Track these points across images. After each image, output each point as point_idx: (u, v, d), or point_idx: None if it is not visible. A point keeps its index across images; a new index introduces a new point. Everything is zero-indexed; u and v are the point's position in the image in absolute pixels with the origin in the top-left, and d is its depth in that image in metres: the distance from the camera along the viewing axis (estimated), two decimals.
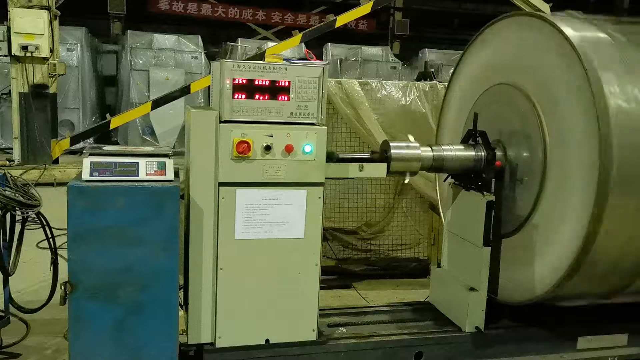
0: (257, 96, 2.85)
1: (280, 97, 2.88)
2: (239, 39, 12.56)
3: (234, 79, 2.80)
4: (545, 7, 8.88)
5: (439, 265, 3.76)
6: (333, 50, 13.33)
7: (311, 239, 2.98)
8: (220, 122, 2.82)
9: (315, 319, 3.05)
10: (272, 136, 2.86)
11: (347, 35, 15.11)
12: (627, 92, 2.92)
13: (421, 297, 3.95)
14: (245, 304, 2.94)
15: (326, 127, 2.96)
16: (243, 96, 2.83)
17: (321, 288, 3.06)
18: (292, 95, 2.89)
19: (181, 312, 2.96)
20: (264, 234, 2.93)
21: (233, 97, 2.81)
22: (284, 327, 3.01)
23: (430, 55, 13.94)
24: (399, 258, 5.38)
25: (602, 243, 2.90)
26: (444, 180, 3.70)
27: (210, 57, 12.21)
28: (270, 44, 12.48)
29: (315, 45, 12.21)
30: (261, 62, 2.87)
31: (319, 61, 2.98)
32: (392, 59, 13.79)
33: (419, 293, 4.47)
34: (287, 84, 2.87)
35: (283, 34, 14.21)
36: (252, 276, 2.94)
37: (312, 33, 9.21)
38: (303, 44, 9.23)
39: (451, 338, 3.29)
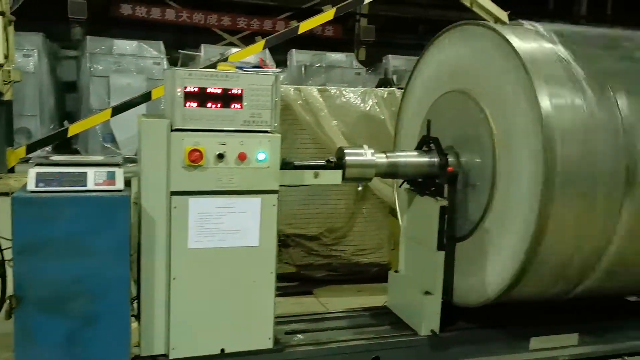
0: (209, 104, 2.84)
1: (233, 105, 2.87)
2: (202, 45, 12.43)
3: (185, 87, 2.78)
4: (503, 15, 9.06)
5: (397, 271, 3.80)
6: (297, 56, 13.31)
7: (266, 247, 2.97)
8: (172, 130, 2.80)
9: (271, 327, 3.04)
10: (225, 144, 2.85)
11: (314, 41, 15.13)
12: (569, 99, 3.03)
13: (382, 302, 3.98)
14: (200, 313, 2.91)
15: (280, 135, 2.97)
16: (195, 104, 2.81)
17: (282, 295, 3.07)
18: (245, 103, 2.89)
19: (135, 324, 2.92)
20: (218, 243, 2.91)
21: (184, 106, 2.79)
22: (239, 336, 2.99)
23: (394, 61, 14.05)
24: (360, 263, 5.40)
25: (549, 244, 2.99)
26: (400, 186, 3.75)
27: (174, 63, 12.06)
28: (235, 49, 12.40)
29: (281, 51, 12.18)
30: (213, 70, 2.87)
31: (272, 69, 2.99)
32: (356, 65, 13.84)
33: (380, 298, 4.49)
34: (239, 92, 2.87)
35: (249, 40, 14.14)
36: (206, 285, 2.91)
37: (276, 39, 9.21)
38: (267, 50, 9.18)
39: (407, 342, 3.33)
